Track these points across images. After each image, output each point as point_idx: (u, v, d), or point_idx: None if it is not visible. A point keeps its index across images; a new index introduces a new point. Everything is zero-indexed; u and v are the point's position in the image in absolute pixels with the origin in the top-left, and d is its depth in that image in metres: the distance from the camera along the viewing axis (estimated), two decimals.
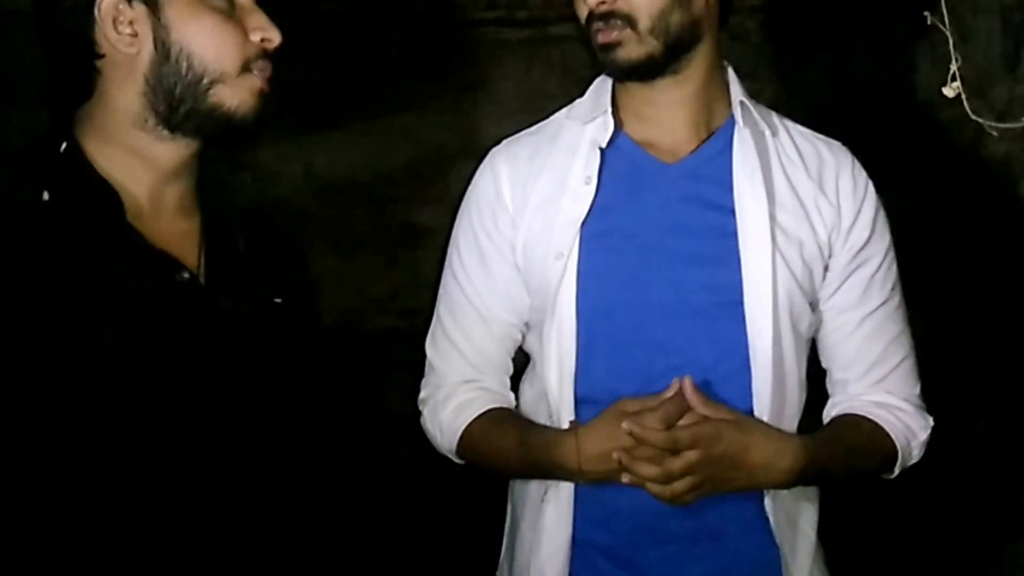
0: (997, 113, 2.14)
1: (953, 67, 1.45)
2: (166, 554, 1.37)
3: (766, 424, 1.63)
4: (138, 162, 1.43)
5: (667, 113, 1.70)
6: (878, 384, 1.74)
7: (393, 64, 3.04)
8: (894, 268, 1.75)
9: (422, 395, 1.81)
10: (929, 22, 1.49)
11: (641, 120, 1.71)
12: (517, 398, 1.79)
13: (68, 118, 1.45)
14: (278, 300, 1.52)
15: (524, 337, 1.78)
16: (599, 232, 1.67)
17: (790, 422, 1.68)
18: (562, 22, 2.78)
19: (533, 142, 1.77)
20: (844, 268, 1.71)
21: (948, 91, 1.49)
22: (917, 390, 1.77)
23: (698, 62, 1.68)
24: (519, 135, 1.81)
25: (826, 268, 1.70)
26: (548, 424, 1.69)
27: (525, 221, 1.71)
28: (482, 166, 1.79)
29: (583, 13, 1.66)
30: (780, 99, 2.67)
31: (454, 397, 1.76)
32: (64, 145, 1.42)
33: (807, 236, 1.68)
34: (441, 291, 1.81)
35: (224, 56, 1.41)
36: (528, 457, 1.67)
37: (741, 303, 1.64)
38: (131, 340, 1.35)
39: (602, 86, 1.75)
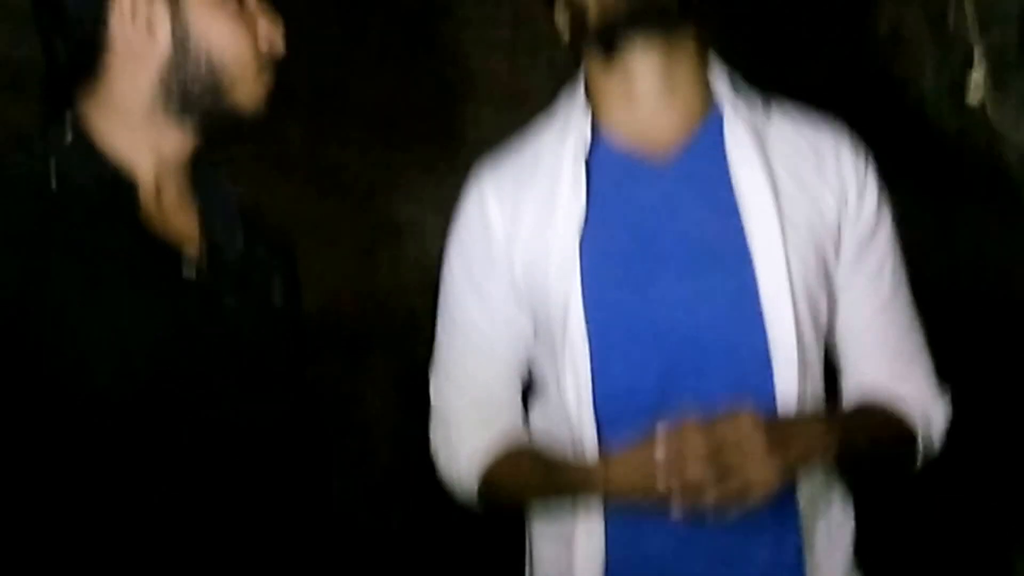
0: (1017, 108, 2.09)
1: (977, 75, 1.37)
2: (166, 551, 1.37)
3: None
4: (145, 148, 1.43)
5: (652, 104, 1.63)
6: (894, 374, 1.70)
7: (376, 58, 2.98)
8: (899, 253, 1.71)
9: (434, 444, 1.75)
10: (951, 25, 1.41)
11: (625, 119, 1.65)
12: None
13: (67, 103, 1.44)
14: (277, 302, 1.52)
15: (531, 367, 1.72)
16: (600, 245, 1.62)
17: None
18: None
19: (516, 163, 1.71)
20: (854, 255, 1.66)
21: (972, 98, 1.41)
22: (933, 378, 1.73)
23: (689, 41, 1.63)
24: (500, 157, 1.74)
25: (837, 255, 1.66)
26: (568, 451, 1.62)
27: (519, 246, 1.66)
28: (466, 196, 1.73)
29: None
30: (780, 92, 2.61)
31: (466, 443, 1.69)
32: (71, 133, 1.41)
33: (816, 221, 1.63)
34: (439, 333, 1.75)
35: (242, 58, 1.45)
36: (558, 496, 1.62)
37: (758, 300, 1.58)
38: (134, 331, 1.35)
39: (572, 97, 1.70)
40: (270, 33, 1.48)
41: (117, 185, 1.39)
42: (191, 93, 1.43)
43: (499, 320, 1.68)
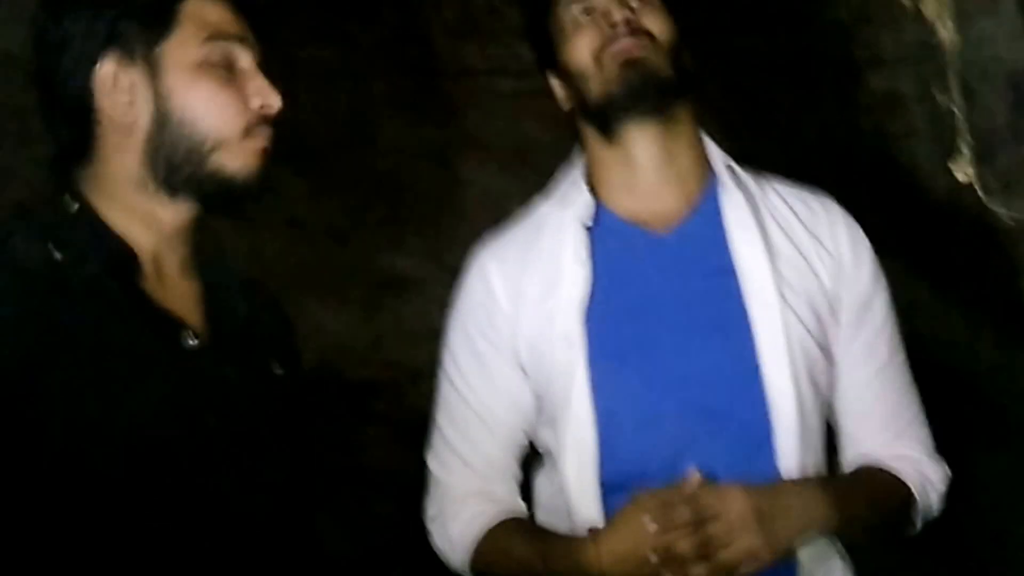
0: (1003, 182, 2.12)
1: (964, 149, 1.41)
2: None
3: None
4: (141, 224, 1.41)
5: (652, 175, 1.66)
6: (892, 437, 1.70)
7: (381, 111, 3.00)
8: (895, 317, 1.72)
9: (429, 512, 1.74)
10: (937, 98, 1.45)
11: (624, 189, 1.67)
12: (532, 498, 1.73)
13: (70, 175, 1.43)
14: (279, 371, 1.50)
15: (534, 437, 1.72)
16: (603, 314, 1.62)
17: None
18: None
19: (518, 236, 1.73)
20: (852, 322, 1.67)
21: (959, 175, 1.44)
22: (930, 440, 1.72)
23: (685, 117, 1.67)
24: (502, 231, 1.75)
25: (835, 320, 1.67)
26: (569, 521, 1.62)
27: (523, 317, 1.66)
28: (469, 269, 1.73)
29: (591, 45, 1.63)
30: (770, 158, 2.64)
31: (463, 511, 1.69)
32: (76, 204, 1.40)
33: (813, 286, 1.65)
34: (439, 401, 1.74)
35: (225, 122, 1.40)
36: (548, 569, 1.59)
37: (758, 366, 1.59)
38: (138, 406, 1.32)
39: (572, 169, 1.73)
40: (263, 93, 1.43)
41: (118, 256, 1.38)
42: (173, 160, 1.39)
43: (501, 391, 1.68)
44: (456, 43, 3.10)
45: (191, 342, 1.40)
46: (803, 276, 1.64)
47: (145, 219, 1.42)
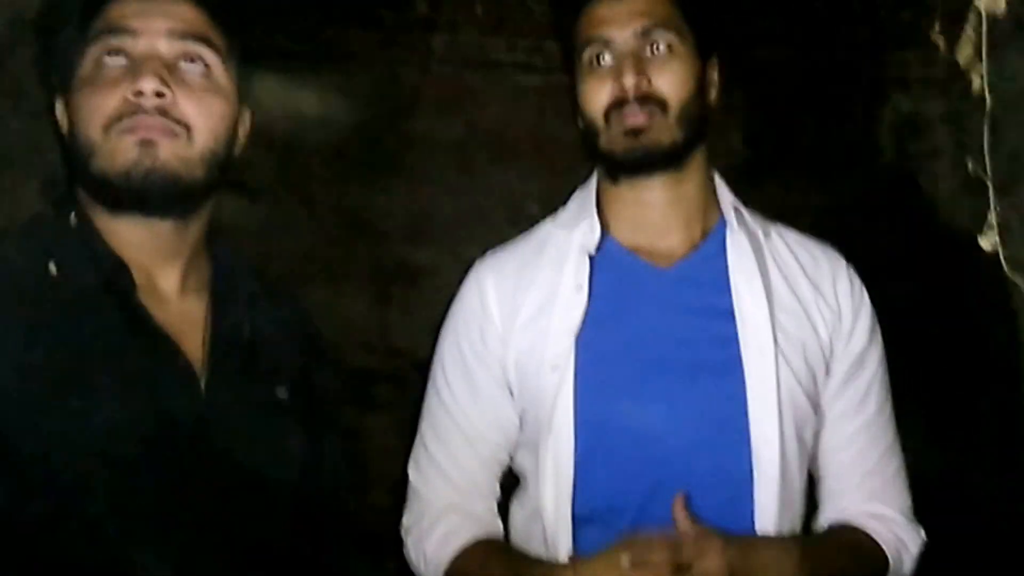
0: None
1: (991, 217, 1.40)
2: None
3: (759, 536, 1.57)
4: (123, 242, 1.38)
5: (660, 215, 1.65)
6: (871, 495, 1.67)
7: (406, 100, 3.00)
8: (887, 375, 1.70)
9: (405, 522, 1.71)
10: (970, 168, 1.43)
11: (631, 224, 1.66)
12: (506, 522, 1.70)
13: (75, 192, 1.42)
14: (282, 395, 1.45)
15: (512, 457, 1.70)
16: (595, 342, 1.60)
17: (791, 533, 1.61)
18: None
19: (519, 253, 1.70)
20: (844, 374, 1.65)
21: (984, 243, 1.43)
22: (909, 502, 1.70)
23: (696, 162, 1.65)
24: (504, 246, 1.73)
25: (827, 372, 1.65)
26: (543, 547, 1.61)
27: (515, 335, 1.64)
28: (467, 280, 1.71)
29: (602, 101, 1.60)
30: (792, 170, 2.63)
31: (439, 525, 1.65)
32: (74, 217, 1.38)
33: (809, 337, 1.63)
34: (424, 411, 1.72)
35: (90, 125, 1.35)
36: None
37: (745, 412, 1.57)
38: (125, 421, 1.29)
39: (585, 193, 1.70)
40: (135, 80, 1.35)
41: (115, 270, 1.35)
42: (81, 176, 1.37)
43: (487, 407, 1.66)
44: (484, 37, 3.10)
45: (181, 364, 1.36)
46: (801, 326, 1.62)
47: (120, 237, 1.38)
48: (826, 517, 1.68)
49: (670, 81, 1.59)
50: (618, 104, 1.58)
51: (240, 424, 1.40)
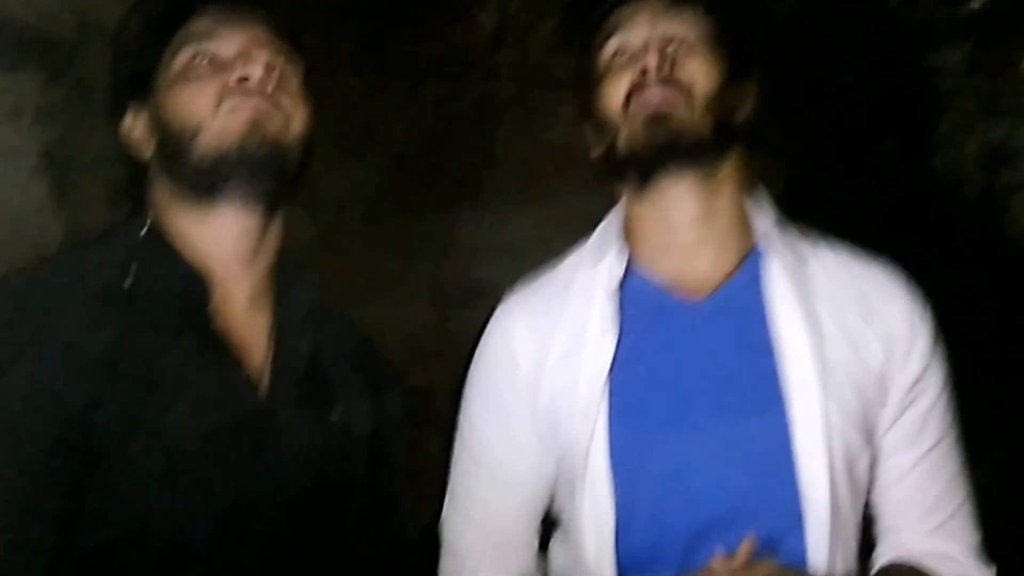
0: None
1: None
2: None
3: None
4: (200, 248, 1.42)
5: (690, 234, 1.55)
6: (933, 532, 1.57)
7: (472, 117, 2.98)
8: (951, 402, 1.59)
9: None
10: None
11: (660, 249, 1.56)
12: (547, 563, 1.64)
13: (143, 202, 1.47)
14: (333, 418, 1.46)
15: (552, 501, 1.63)
16: (628, 383, 1.52)
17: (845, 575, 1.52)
18: None
19: (545, 293, 1.62)
20: (899, 403, 1.55)
21: None
22: (977, 539, 1.60)
23: (729, 174, 1.55)
24: (529, 284, 1.65)
25: (884, 403, 1.55)
26: None
27: (547, 377, 1.56)
28: (492, 324, 1.63)
29: (620, 91, 1.52)
30: (865, 200, 2.58)
31: None
32: (146, 228, 1.43)
33: (858, 371, 1.52)
34: (455, 468, 1.65)
35: (196, 107, 1.42)
36: None
37: (791, 453, 1.48)
38: (188, 439, 1.32)
39: (609, 226, 1.62)
40: (242, 66, 1.43)
41: (190, 281, 1.38)
42: (177, 162, 1.43)
43: (521, 454, 1.58)
44: (551, 55, 3.08)
45: (244, 378, 1.38)
46: (848, 360, 1.52)
47: (200, 241, 1.41)
48: (883, 554, 1.59)
49: (698, 67, 1.51)
50: (638, 89, 1.50)
51: (299, 442, 1.40)
